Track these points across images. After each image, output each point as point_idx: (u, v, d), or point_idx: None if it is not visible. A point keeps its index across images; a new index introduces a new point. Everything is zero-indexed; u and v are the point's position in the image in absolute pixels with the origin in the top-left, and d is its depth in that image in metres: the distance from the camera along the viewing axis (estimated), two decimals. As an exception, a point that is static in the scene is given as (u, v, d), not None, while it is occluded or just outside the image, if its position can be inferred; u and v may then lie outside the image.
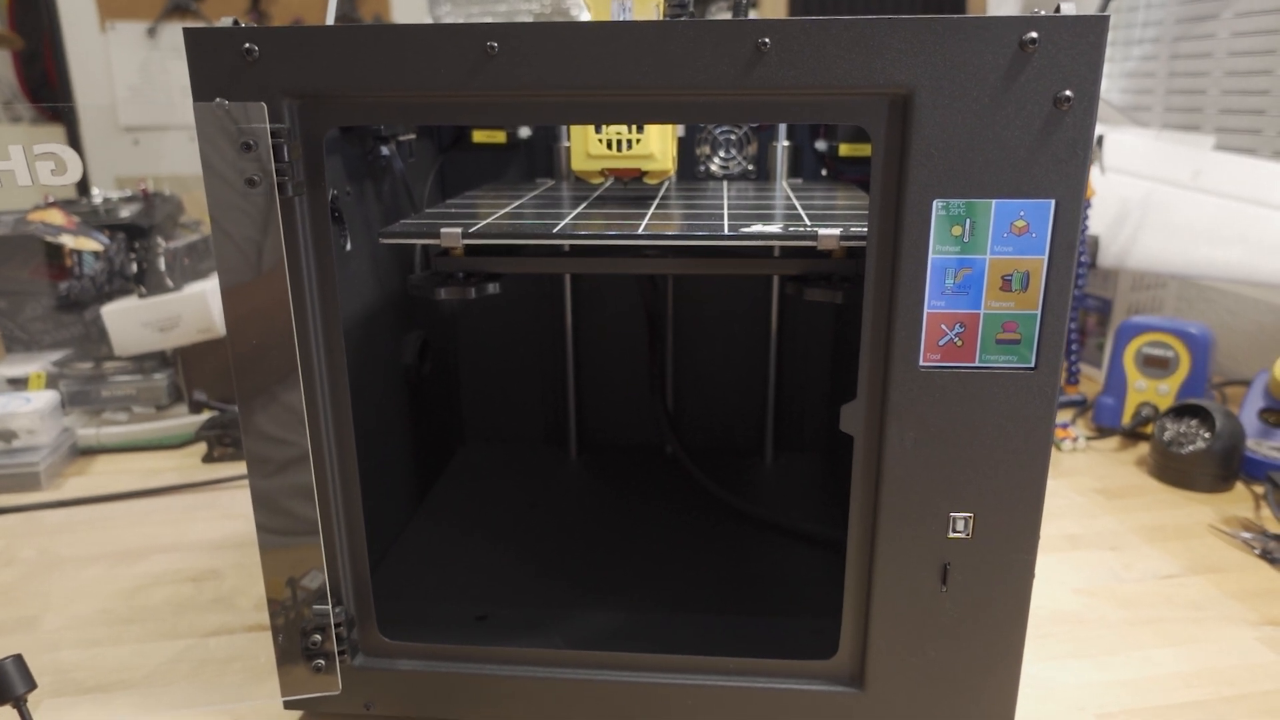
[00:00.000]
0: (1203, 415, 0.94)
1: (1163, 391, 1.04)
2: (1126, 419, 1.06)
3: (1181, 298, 1.36)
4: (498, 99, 0.48)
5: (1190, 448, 0.93)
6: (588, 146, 0.65)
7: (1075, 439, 1.04)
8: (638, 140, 0.64)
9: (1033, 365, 0.48)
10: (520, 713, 0.58)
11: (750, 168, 0.85)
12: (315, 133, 0.49)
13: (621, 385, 0.92)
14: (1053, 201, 0.46)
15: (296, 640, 0.55)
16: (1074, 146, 0.45)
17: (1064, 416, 1.12)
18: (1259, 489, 0.93)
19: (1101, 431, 1.07)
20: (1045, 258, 0.47)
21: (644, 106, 0.48)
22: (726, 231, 0.56)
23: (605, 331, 0.91)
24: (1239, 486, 0.94)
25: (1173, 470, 0.94)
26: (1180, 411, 0.96)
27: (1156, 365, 1.04)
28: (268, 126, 0.46)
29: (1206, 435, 0.93)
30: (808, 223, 0.58)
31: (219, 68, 0.47)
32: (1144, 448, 1.04)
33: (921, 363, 0.49)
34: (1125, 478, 0.97)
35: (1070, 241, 0.46)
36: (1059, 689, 0.63)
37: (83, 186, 1.73)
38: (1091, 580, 0.77)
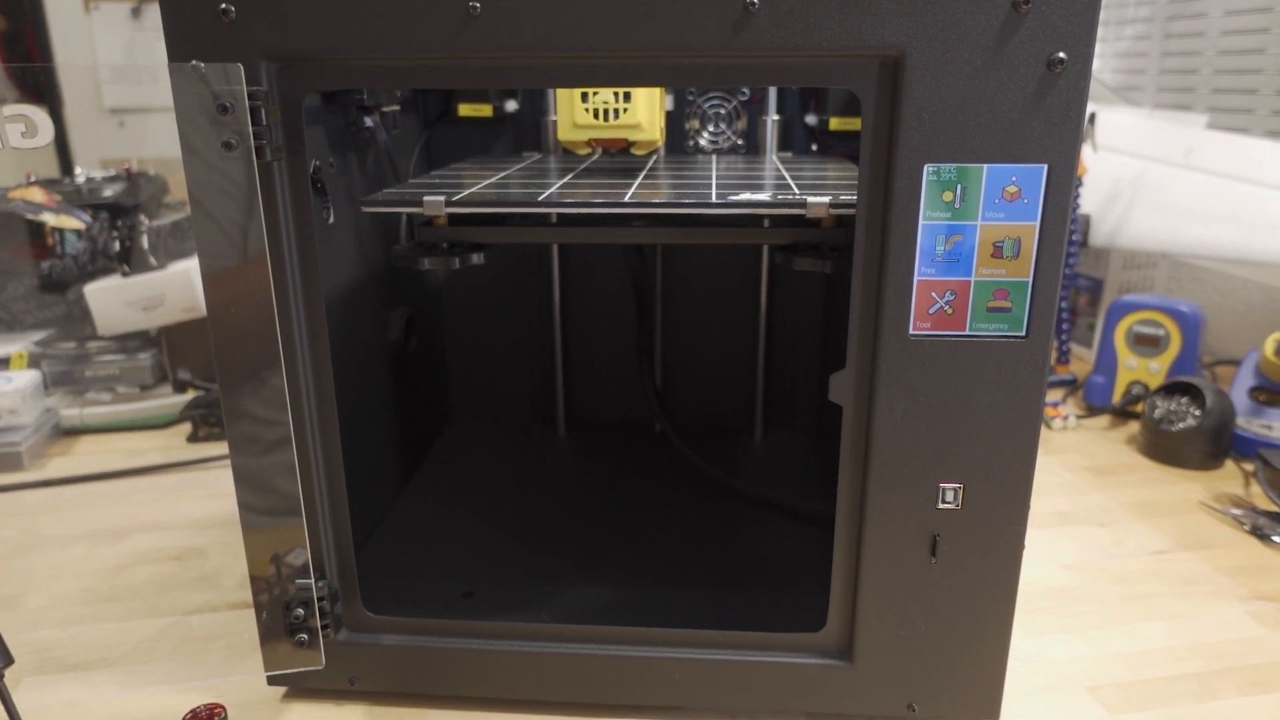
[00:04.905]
0: (1193, 393, 0.94)
1: (1153, 370, 1.04)
2: (1117, 397, 1.05)
3: (1172, 277, 1.36)
4: (481, 61, 0.47)
5: (1181, 425, 0.93)
6: (574, 116, 0.64)
7: (1065, 417, 1.04)
8: (625, 110, 0.63)
9: (1024, 333, 0.48)
10: (506, 687, 0.57)
11: (740, 142, 0.84)
12: (294, 96, 0.48)
13: (609, 362, 0.91)
14: (1045, 166, 0.45)
15: (280, 616, 0.54)
16: (1067, 110, 0.44)
17: (1054, 395, 1.12)
18: (1249, 466, 0.93)
19: (1092, 410, 1.07)
20: (1037, 224, 0.46)
21: (630, 69, 0.47)
22: (714, 200, 0.55)
23: (593, 307, 0.90)
24: (1229, 464, 0.94)
25: (1163, 448, 0.94)
26: (1171, 389, 0.96)
27: (1147, 343, 1.04)
28: (245, 89, 0.45)
29: (1197, 413, 0.92)
30: (797, 192, 0.57)
31: (194, 28, 0.46)
32: (1134, 426, 1.03)
33: (911, 331, 0.48)
34: (1115, 455, 0.97)
35: (1063, 207, 0.46)
36: (1049, 663, 0.63)
37: (66, 166, 1.70)
38: (1082, 556, 0.77)
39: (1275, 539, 0.79)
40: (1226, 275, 1.28)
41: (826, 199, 0.54)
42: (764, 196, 0.55)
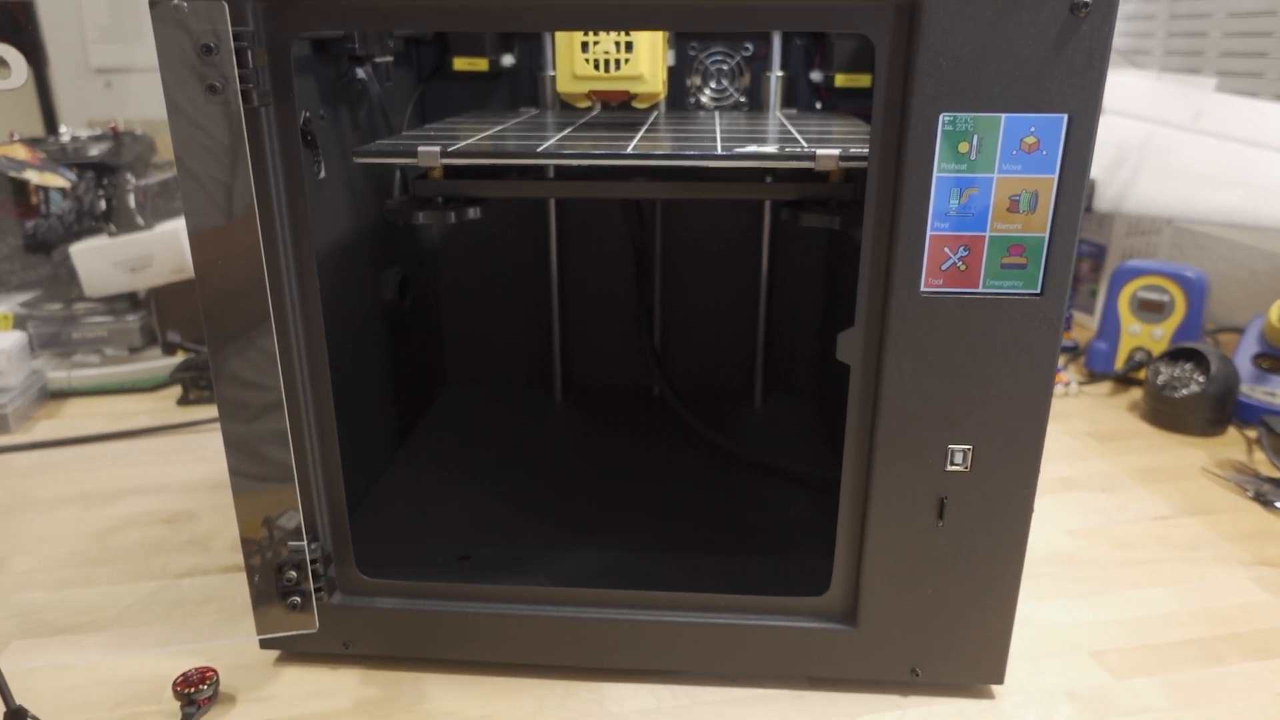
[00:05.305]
0: (1198, 359, 0.93)
1: (1157, 336, 1.02)
2: (1120, 364, 1.04)
3: (1175, 245, 1.34)
4: (475, 2, 0.45)
5: (1184, 391, 0.92)
6: (574, 67, 0.62)
7: (1068, 384, 1.03)
8: (626, 60, 0.61)
9: (1039, 291, 0.46)
10: (504, 651, 0.56)
11: (743, 100, 0.82)
12: (282, 38, 0.46)
13: (607, 325, 0.90)
14: (1065, 116, 0.43)
15: (272, 579, 0.53)
16: (1090, 56, 0.42)
17: (1056, 362, 1.11)
18: (1251, 433, 0.92)
19: (1094, 376, 1.06)
20: (1055, 177, 0.45)
21: (634, 10, 0.45)
22: (720, 153, 0.53)
23: (591, 268, 0.88)
24: (1231, 430, 0.93)
25: (1166, 414, 0.93)
26: (1175, 355, 0.95)
27: (1151, 309, 1.03)
28: (229, 29, 0.43)
29: (1201, 379, 0.91)
30: (804, 145, 0.55)
31: (176, -35, 0.44)
32: (1137, 393, 1.02)
33: (923, 288, 0.47)
34: (1118, 421, 0.96)
35: (1083, 160, 0.44)
36: (1053, 627, 0.62)
37: (50, 125, 1.67)
38: (1085, 521, 0.76)
39: (1278, 505, 0.78)
40: (1230, 242, 1.27)
41: (836, 151, 0.52)
42: (771, 149, 0.53)
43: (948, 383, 0.48)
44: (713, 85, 0.82)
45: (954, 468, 0.49)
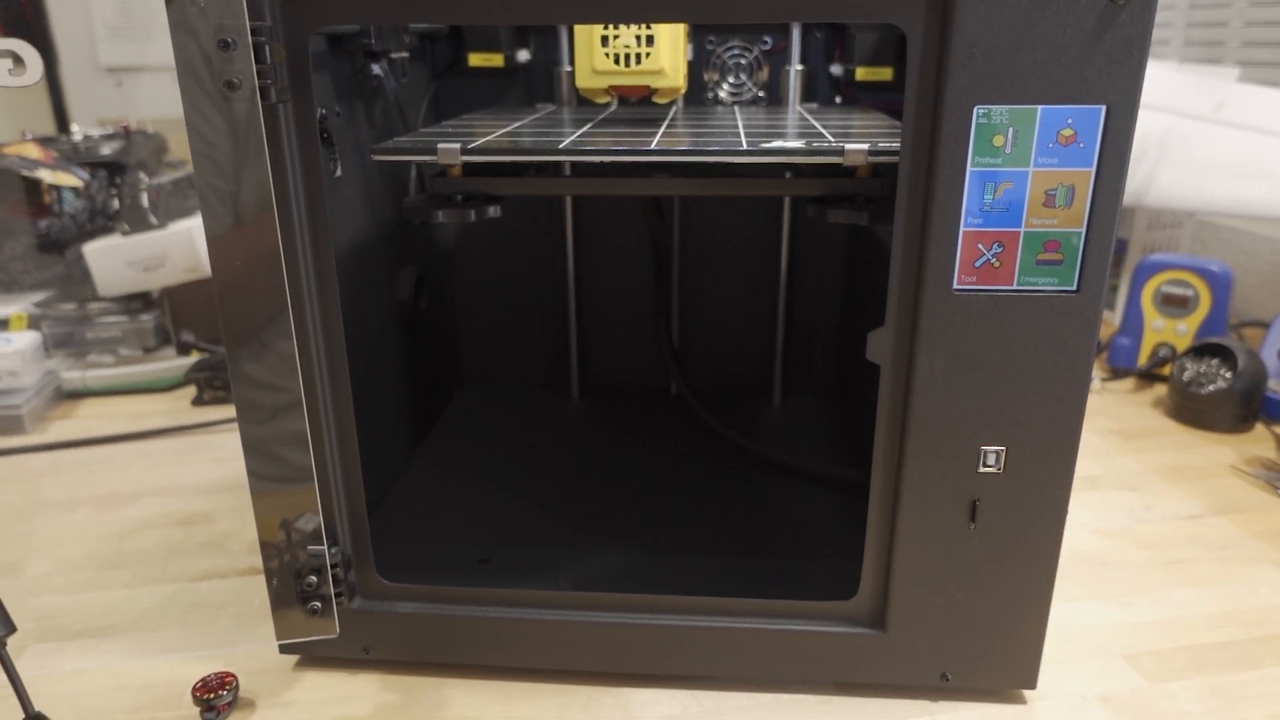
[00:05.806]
0: (1224, 354, 0.91)
1: (1181, 331, 1.01)
2: (1143, 360, 1.03)
3: (1197, 239, 1.33)
4: (498, -4, 0.44)
5: (1211, 387, 0.90)
6: (593, 61, 0.61)
7: (1090, 380, 1.01)
8: (647, 55, 0.60)
9: (1075, 288, 0.45)
10: (525, 656, 0.56)
11: (761, 94, 0.81)
12: (300, 33, 0.45)
13: (624, 323, 0.89)
14: (1103, 107, 0.42)
15: (291, 583, 0.52)
16: (1130, 46, 0.41)
17: (1077, 358, 1.09)
18: (1280, 430, 0.91)
19: (1117, 373, 1.05)
20: (1093, 170, 0.43)
21: (655, 2, 0.43)
22: (746, 148, 0.52)
23: (607, 267, 0.87)
24: (1259, 427, 0.91)
25: (1191, 410, 0.92)
26: (1201, 351, 0.93)
27: (1175, 304, 1.01)
28: (247, 23, 0.42)
29: (1228, 375, 0.90)
30: (830, 140, 0.54)
31: (192, -40, 0.43)
32: (1161, 389, 1.01)
33: (956, 285, 0.45)
34: (1142, 419, 0.94)
35: (1121, 152, 0.43)
36: (1083, 630, 0.61)
37: (62, 124, 1.66)
38: (1112, 521, 0.75)
39: (1310, 504, 0.76)
40: (1253, 235, 1.25)
41: (865, 146, 0.51)
42: (798, 144, 0.52)
43: (980, 383, 0.47)
44: (730, 80, 0.81)
45: (986, 469, 0.48)
